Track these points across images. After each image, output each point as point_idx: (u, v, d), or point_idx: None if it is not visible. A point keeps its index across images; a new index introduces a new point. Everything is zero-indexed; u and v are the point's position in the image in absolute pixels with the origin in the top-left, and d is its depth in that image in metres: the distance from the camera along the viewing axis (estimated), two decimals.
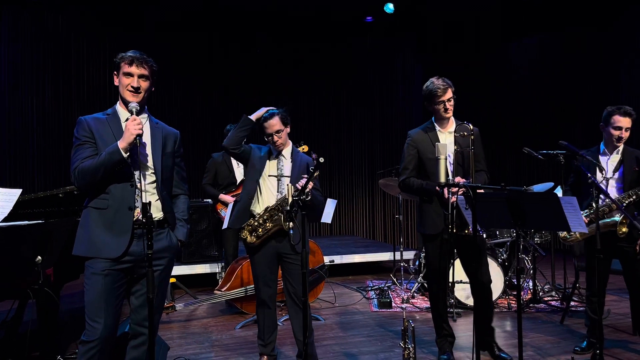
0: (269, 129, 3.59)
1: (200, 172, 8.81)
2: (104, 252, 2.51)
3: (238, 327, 4.76)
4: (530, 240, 5.46)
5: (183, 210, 2.83)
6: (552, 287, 5.72)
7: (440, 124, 3.71)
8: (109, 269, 2.51)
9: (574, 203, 2.76)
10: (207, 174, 5.74)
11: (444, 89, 3.60)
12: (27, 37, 7.71)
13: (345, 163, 9.75)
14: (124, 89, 2.61)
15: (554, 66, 9.23)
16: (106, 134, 2.57)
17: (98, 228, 2.53)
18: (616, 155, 3.86)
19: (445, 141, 3.64)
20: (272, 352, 3.68)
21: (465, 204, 3.11)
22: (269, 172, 3.62)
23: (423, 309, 5.27)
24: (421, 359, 3.83)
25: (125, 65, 2.60)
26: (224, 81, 9.14)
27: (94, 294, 2.49)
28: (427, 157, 3.66)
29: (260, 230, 3.52)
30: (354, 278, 6.92)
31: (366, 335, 4.51)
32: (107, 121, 2.62)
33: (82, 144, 2.57)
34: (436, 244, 3.67)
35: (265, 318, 3.64)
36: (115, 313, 2.55)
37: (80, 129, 2.58)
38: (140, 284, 2.63)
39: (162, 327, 4.76)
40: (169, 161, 2.75)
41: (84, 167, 2.49)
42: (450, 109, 3.63)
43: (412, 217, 9.75)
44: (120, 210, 2.53)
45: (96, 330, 2.47)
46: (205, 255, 6.34)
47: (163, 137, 2.75)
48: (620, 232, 3.62)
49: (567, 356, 3.84)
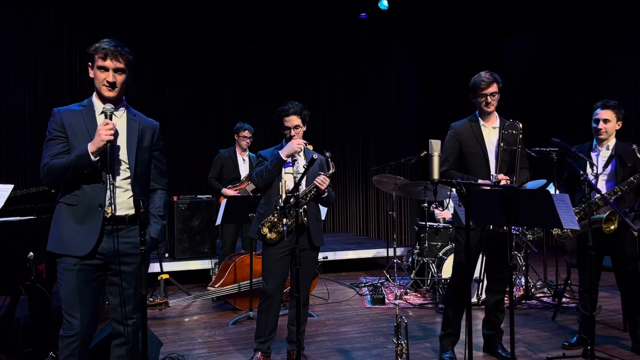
0: (288, 123, 3.57)
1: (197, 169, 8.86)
2: (72, 249, 2.46)
3: (231, 323, 4.76)
4: (523, 237, 5.48)
5: (159, 206, 2.75)
6: (544, 283, 5.76)
7: (484, 117, 3.68)
8: (80, 264, 2.47)
9: (566, 200, 2.78)
10: (214, 169, 5.86)
11: (487, 82, 3.58)
12: (18, 32, 7.65)
13: (339, 160, 9.73)
14: (100, 83, 2.51)
15: (548, 63, 9.26)
16: (79, 127, 2.50)
17: (68, 224, 2.48)
18: (606, 151, 3.84)
19: (488, 136, 3.63)
20: (268, 349, 3.67)
21: (459, 200, 3.12)
22: (284, 170, 3.58)
23: (416, 305, 5.29)
24: (414, 355, 3.84)
25: (99, 58, 2.48)
26: (218, 79, 9.11)
27: (68, 289, 2.47)
28: (468, 150, 3.62)
29: (280, 227, 3.48)
30: (347, 274, 6.94)
31: (359, 331, 4.52)
32: (81, 114, 2.53)
33: (52, 139, 2.50)
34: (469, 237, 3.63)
35: (269, 315, 3.59)
36: (92, 306, 2.51)
37: (53, 123, 2.52)
38: (114, 284, 2.58)
39: (155, 323, 4.75)
40: (145, 155, 2.66)
41: (52, 165, 2.44)
42: (492, 103, 3.60)
43: (405, 214, 9.78)
44: (91, 207, 2.48)
45: (73, 325, 2.46)
46: (198, 252, 6.33)
47: (140, 130, 2.65)
48: (608, 230, 3.59)
49: (559, 352, 3.87)
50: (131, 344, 2.63)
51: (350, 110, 9.86)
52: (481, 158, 3.60)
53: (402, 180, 5.88)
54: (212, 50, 9.09)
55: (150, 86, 8.71)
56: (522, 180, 3.62)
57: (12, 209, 3.58)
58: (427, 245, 5.69)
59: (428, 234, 5.72)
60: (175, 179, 8.81)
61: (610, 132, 3.82)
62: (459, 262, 3.68)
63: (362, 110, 9.86)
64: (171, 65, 8.82)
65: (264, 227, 3.52)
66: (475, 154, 3.59)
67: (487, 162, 3.59)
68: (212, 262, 6.15)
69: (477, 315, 4.62)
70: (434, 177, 3.43)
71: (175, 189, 8.51)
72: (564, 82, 8.93)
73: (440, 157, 3.47)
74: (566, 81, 8.89)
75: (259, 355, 3.64)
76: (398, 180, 5.86)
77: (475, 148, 3.59)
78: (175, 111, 8.82)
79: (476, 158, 3.59)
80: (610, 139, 3.85)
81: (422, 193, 5.59)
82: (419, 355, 3.89)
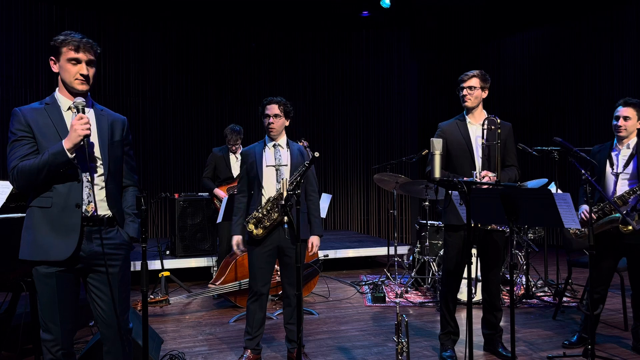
0: (269, 111, 3.62)
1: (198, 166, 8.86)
2: (52, 254, 2.32)
3: (232, 321, 4.76)
4: (524, 236, 5.48)
5: (132, 205, 2.59)
6: (545, 282, 5.76)
7: (470, 115, 3.69)
8: (58, 271, 2.34)
9: (568, 199, 2.77)
10: (207, 168, 5.87)
11: (469, 76, 3.61)
12: (20, 28, 7.65)
13: (340, 158, 9.74)
14: (72, 77, 2.37)
15: (548, 61, 9.23)
16: (45, 126, 2.35)
17: (43, 229, 2.33)
18: (627, 150, 3.77)
19: (475, 133, 3.64)
20: (257, 346, 3.71)
21: (460, 199, 3.11)
22: (266, 163, 3.62)
23: (417, 303, 5.29)
24: (414, 354, 3.84)
25: (69, 50, 2.34)
26: (218, 75, 9.11)
27: (47, 298, 2.36)
28: (454, 147, 3.64)
29: (266, 222, 3.51)
30: (348, 273, 6.94)
31: (359, 329, 4.52)
32: (46, 112, 2.38)
33: (18, 140, 2.32)
34: (457, 236, 3.62)
35: (256, 311, 3.65)
36: (72, 313, 2.42)
37: (16, 123, 2.34)
38: (98, 288, 2.46)
39: (156, 320, 4.76)
40: (118, 151, 2.54)
41: (24, 168, 2.27)
42: (468, 96, 3.61)
43: (406, 212, 9.78)
44: (67, 208, 2.34)
45: (54, 332, 2.37)
46: (199, 249, 6.34)
47: (110, 124, 2.52)
48: (626, 230, 3.54)
49: (559, 351, 3.86)
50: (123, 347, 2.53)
51: (351, 108, 9.85)
52: (467, 155, 3.61)
53: (403, 178, 5.87)
54: (213, 45, 9.08)
55: (152, 82, 8.71)
56: (509, 177, 3.61)
57: (14, 206, 3.58)
58: (427, 244, 5.69)
59: (429, 233, 5.72)
60: (176, 177, 8.82)
61: (630, 130, 3.75)
62: (445, 261, 3.75)
63: (363, 107, 9.85)
64: (173, 59, 8.81)
65: (250, 223, 3.55)
66: (461, 151, 3.60)
67: (473, 159, 3.59)
68: (212, 260, 6.16)
69: (477, 314, 4.62)
70: (436, 176, 3.43)
71: (177, 187, 8.52)
72: (563, 80, 8.90)
73: (441, 155, 3.48)
74: (565, 79, 8.87)
75: (249, 353, 3.67)
76: (399, 178, 5.86)
77: (460, 145, 3.61)
78: (176, 107, 8.82)
79: (462, 155, 3.60)
80: (632, 137, 3.77)
81: (423, 191, 5.58)
82: (420, 353, 3.89)
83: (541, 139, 5.53)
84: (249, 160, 3.68)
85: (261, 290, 3.62)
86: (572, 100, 8.72)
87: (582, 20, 8.60)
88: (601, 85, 8.26)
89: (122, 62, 8.51)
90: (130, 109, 8.47)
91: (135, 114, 8.50)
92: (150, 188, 8.52)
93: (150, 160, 8.67)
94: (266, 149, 3.66)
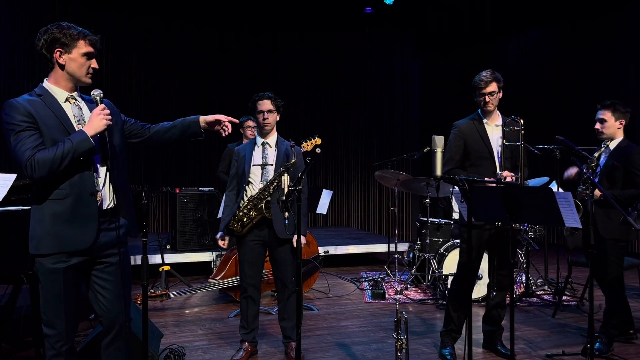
0: (261, 107, 3.64)
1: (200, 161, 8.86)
2: (73, 244, 2.32)
3: (232, 316, 4.77)
4: (524, 235, 5.47)
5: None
6: (545, 281, 5.76)
7: (486, 116, 3.68)
8: (67, 265, 2.33)
9: (569, 198, 2.77)
10: (222, 163, 5.90)
11: (486, 81, 3.57)
12: (23, 23, 7.63)
13: (341, 154, 9.74)
14: (84, 71, 2.39)
15: (552, 61, 9.22)
16: (47, 116, 2.32)
17: (59, 220, 2.31)
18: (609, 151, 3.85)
19: (492, 134, 3.63)
20: (254, 339, 3.77)
21: (461, 197, 3.12)
22: (253, 161, 3.68)
23: (416, 300, 5.30)
24: (413, 350, 3.85)
25: (85, 44, 2.37)
26: (223, 71, 9.09)
27: (53, 293, 2.34)
28: (474, 149, 3.63)
29: (245, 220, 3.60)
30: (348, 269, 6.94)
31: (359, 325, 4.53)
32: (45, 103, 2.35)
33: (24, 131, 2.28)
34: (475, 234, 3.57)
35: (249, 305, 3.71)
36: (75, 309, 2.41)
37: (17, 114, 2.28)
38: (105, 279, 2.46)
39: (156, 314, 4.77)
40: (119, 140, 2.54)
41: (44, 157, 2.23)
42: (490, 102, 3.59)
43: (407, 209, 9.78)
44: (82, 197, 2.33)
45: (58, 327, 2.36)
46: (200, 244, 6.35)
47: None
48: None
49: (558, 349, 3.86)
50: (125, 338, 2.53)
51: (353, 105, 9.84)
52: (487, 156, 3.60)
53: (404, 175, 5.88)
54: (216, 42, 9.08)
55: (155, 77, 8.71)
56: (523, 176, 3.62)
57: (15, 199, 3.58)
58: (428, 241, 5.69)
59: (429, 230, 5.72)
60: (178, 171, 8.82)
61: (609, 132, 3.83)
62: (464, 260, 3.69)
63: (365, 105, 9.84)
64: (176, 55, 8.79)
65: (232, 221, 3.65)
66: (481, 153, 3.60)
67: (493, 160, 3.59)
68: (213, 255, 6.17)
69: (477, 312, 4.63)
70: (437, 173, 3.43)
71: (178, 181, 8.52)
72: (566, 80, 8.89)
73: (443, 153, 3.48)
74: (568, 79, 8.85)
75: (247, 346, 3.73)
76: (400, 175, 5.86)
77: (481, 147, 3.60)
78: (179, 103, 8.81)
79: (482, 157, 3.59)
80: (617, 136, 3.83)
81: (424, 189, 5.59)
82: (419, 350, 3.90)
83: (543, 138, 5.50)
84: (240, 155, 3.74)
85: (251, 282, 3.68)
86: (575, 100, 8.71)
87: (587, 20, 8.57)
88: (603, 85, 8.24)
89: (125, 57, 8.50)
90: (134, 103, 8.47)
91: (138, 108, 8.49)
92: (152, 182, 8.52)
93: (151, 155, 8.66)
94: (255, 148, 3.71)
